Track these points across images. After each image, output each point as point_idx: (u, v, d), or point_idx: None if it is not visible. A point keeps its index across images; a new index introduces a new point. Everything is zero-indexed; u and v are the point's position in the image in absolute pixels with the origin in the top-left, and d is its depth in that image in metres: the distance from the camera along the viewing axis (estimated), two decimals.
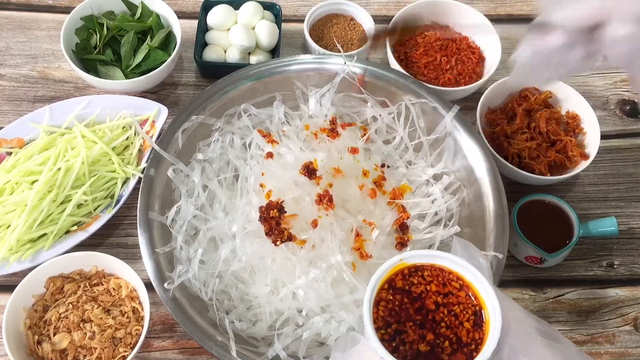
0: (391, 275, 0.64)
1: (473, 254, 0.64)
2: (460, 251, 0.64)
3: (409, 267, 0.64)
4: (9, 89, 1.14)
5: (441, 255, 0.63)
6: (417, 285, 0.63)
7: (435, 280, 0.63)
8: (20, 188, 0.94)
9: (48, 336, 0.85)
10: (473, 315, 0.61)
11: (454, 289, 0.62)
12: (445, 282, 0.63)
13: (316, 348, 0.84)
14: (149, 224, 0.88)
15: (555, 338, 0.61)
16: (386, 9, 1.28)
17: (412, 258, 0.64)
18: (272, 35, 1.13)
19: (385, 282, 0.63)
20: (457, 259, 0.62)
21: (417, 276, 0.64)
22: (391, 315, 0.61)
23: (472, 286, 0.62)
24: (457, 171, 0.97)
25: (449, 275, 0.63)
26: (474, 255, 0.64)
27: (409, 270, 0.64)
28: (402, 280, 0.63)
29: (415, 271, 0.64)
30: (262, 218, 0.87)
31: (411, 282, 0.63)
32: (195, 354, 0.91)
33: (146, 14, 1.13)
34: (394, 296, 0.62)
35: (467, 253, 0.64)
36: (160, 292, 0.83)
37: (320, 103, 1.02)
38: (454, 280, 0.63)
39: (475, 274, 0.61)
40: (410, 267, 0.64)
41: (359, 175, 0.94)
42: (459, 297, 0.62)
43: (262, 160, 0.96)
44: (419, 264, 0.64)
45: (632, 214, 1.06)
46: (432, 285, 0.63)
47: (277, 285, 0.87)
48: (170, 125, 0.96)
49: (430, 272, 0.64)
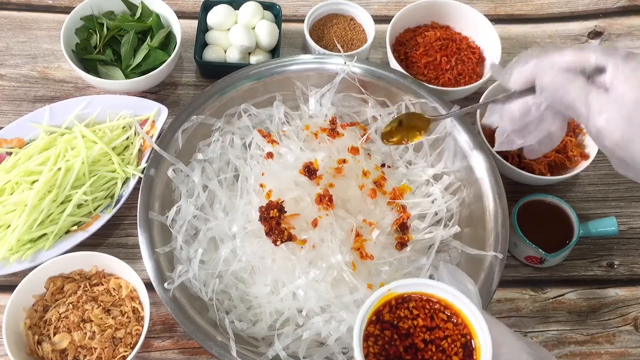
0: (379, 307, 0.62)
1: (461, 280, 0.65)
2: (447, 277, 0.65)
3: (396, 298, 0.63)
4: (9, 89, 1.14)
5: (430, 283, 0.62)
6: (405, 319, 0.62)
7: (422, 314, 0.62)
8: (21, 188, 0.94)
9: (48, 336, 0.85)
10: (462, 347, 0.60)
11: (442, 321, 0.62)
12: (432, 314, 0.62)
13: (316, 348, 0.84)
14: (149, 224, 0.88)
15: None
16: (386, 9, 1.28)
17: (401, 287, 0.63)
18: (272, 35, 1.13)
19: (373, 314, 0.62)
20: (445, 287, 0.62)
21: (403, 309, 0.62)
22: (381, 354, 0.60)
23: (461, 314, 0.61)
24: (457, 171, 0.97)
25: (436, 305, 0.62)
26: (461, 280, 0.65)
27: (396, 301, 0.63)
28: (390, 314, 0.62)
29: (402, 302, 0.63)
30: (262, 218, 0.87)
31: (399, 316, 0.62)
32: (195, 354, 0.91)
33: (146, 14, 1.13)
34: (382, 331, 0.61)
35: (455, 279, 0.65)
36: (160, 292, 0.83)
37: (320, 103, 1.02)
38: (441, 310, 0.62)
39: (464, 301, 0.60)
40: (398, 298, 0.63)
41: (359, 175, 0.94)
42: (447, 329, 0.61)
43: (262, 160, 0.96)
44: (406, 293, 0.63)
45: (632, 214, 1.06)
46: (419, 319, 0.62)
47: (277, 285, 0.87)
48: (170, 125, 0.96)
49: (416, 303, 0.62)
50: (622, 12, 1.29)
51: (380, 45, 1.20)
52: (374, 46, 1.19)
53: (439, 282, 0.63)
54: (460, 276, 0.65)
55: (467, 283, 0.65)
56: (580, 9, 1.30)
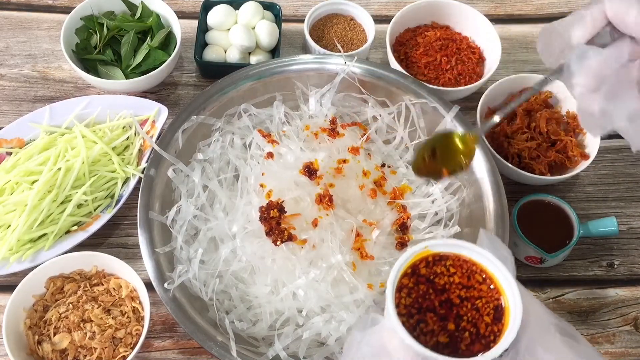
0: (415, 262, 0.63)
1: (498, 247, 0.63)
2: (486, 243, 0.63)
3: (433, 255, 0.63)
4: (9, 89, 1.14)
5: (466, 245, 0.62)
6: (441, 275, 0.63)
7: (459, 272, 0.63)
8: (21, 188, 0.94)
9: (48, 336, 0.85)
10: (494, 309, 0.60)
11: (477, 282, 0.62)
12: (469, 274, 0.63)
13: (316, 348, 0.84)
14: (149, 224, 0.88)
15: (573, 337, 0.60)
16: (386, 9, 1.28)
17: (437, 246, 0.63)
18: (272, 35, 1.13)
19: (409, 267, 0.63)
20: (482, 250, 0.62)
21: (440, 265, 0.63)
22: (414, 305, 0.61)
23: (494, 278, 0.61)
24: None
25: (472, 266, 0.63)
26: (498, 247, 0.63)
27: (433, 258, 0.63)
28: (426, 269, 0.63)
29: (439, 260, 0.63)
30: (262, 218, 0.87)
31: (435, 272, 0.63)
32: (195, 354, 0.91)
33: (146, 14, 1.13)
34: (417, 285, 0.62)
35: (493, 245, 0.63)
36: (160, 292, 0.83)
37: (321, 103, 1.02)
38: (477, 272, 0.62)
39: (499, 266, 0.60)
40: (435, 255, 0.63)
41: (359, 175, 0.94)
42: (481, 290, 0.62)
43: (262, 160, 0.96)
44: (443, 252, 0.63)
45: (632, 214, 1.06)
46: (456, 277, 0.62)
47: (277, 285, 0.87)
48: (170, 125, 0.96)
49: (453, 262, 0.63)
50: None
51: (380, 45, 1.20)
52: (374, 46, 1.19)
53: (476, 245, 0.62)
54: (497, 244, 0.63)
55: (504, 250, 0.62)
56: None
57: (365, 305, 0.84)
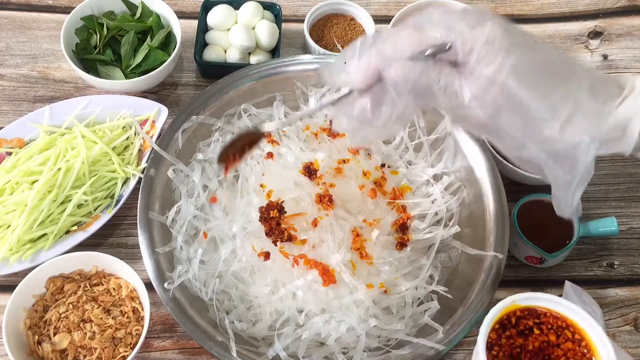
0: (503, 316, 0.63)
1: (586, 301, 0.64)
2: (573, 297, 0.64)
3: (521, 309, 0.64)
4: (9, 89, 1.14)
5: (554, 299, 0.62)
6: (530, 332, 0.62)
7: (547, 327, 0.62)
8: (20, 188, 0.94)
9: (48, 336, 0.85)
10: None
11: (566, 338, 0.62)
12: (558, 330, 0.62)
13: (316, 348, 0.84)
14: (149, 224, 0.88)
15: None
16: (386, 8, 1.28)
17: (525, 300, 0.63)
18: (272, 35, 1.13)
19: (496, 322, 0.63)
20: (573, 305, 0.61)
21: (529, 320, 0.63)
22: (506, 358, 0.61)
23: (584, 334, 0.61)
24: (457, 171, 0.97)
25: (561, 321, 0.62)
26: (587, 302, 0.64)
27: (522, 312, 0.64)
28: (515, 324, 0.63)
29: (527, 314, 0.63)
30: (262, 218, 0.87)
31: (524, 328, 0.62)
32: (195, 354, 0.91)
33: (146, 14, 1.13)
34: (507, 340, 0.62)
35: (581, 299, 0.64)
36: (160, 292, 0.83)
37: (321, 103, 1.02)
38: (567, 327, 0.62)
39: (590, 322, 0.60)
40: (523, 309, 0.64)
41: (359, 175, 0.94)
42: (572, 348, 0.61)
43: (262, 160, 0.96)
44: (531, 306, 0.63)
45: (632, 214, 1.06)
46: (550, 335, 0.62)
47: (277, 286, 0.87)
48: (170, 125, 0.96)
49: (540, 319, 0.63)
50: (622, 12, 1.29)
51: None
52: None
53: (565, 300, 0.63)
54: (585, 297, 0.64)
55: (593, 305, 0.64)
56: (580, 9, 1.30)
57: (364, 306, 0.84)
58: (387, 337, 0.86)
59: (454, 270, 0.91)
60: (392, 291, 0.88)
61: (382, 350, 0.83)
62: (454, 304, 0.85)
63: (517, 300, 0.64)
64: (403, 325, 0.85)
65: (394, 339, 0.85)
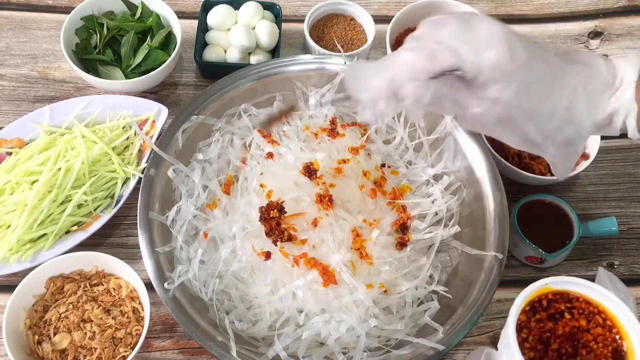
0: (534, 298, 0.64)
1: (620, 288, 0.65)
2: (607, 283, 0.65)
3: (553, 292, 0.65)
4: (9, 89, 1.14)
5: (587, 284, 0.63)
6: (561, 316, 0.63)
7: (578, 312, 0.63)
8: (21, 188, 0.94)
9: (48, 336, 0.85)
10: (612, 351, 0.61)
11: (596, 324, 0.62)
12: (589, 315, 0.63)
13: (316, 348, 0.84)
14: (149, 224, 0.88)
15: None
16: (386, 8, 1.28)
17: (557, 284, 0.64)
18: (272, 35, 1.13)
19: (527, 304, 0.64)
20: (605, 291, 0.63)
21: (562, 303, 0.64)
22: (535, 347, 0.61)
23: (616, 320, 0.62)
24: (457, 171, 0.97)
25: (593, 307, 0.63)
26: (620, 289, 0.65)
27: (553, 295, 0.64)
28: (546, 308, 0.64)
29: (560, 298, 0.64)
30: (262, 218, 0.87)
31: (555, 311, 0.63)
32: (195, 354, 0.91)
33: (146, 14, 1.13)
34: (537, 323, 0.63)
35: (614, 286, 0.65)
36: (160, 292, 0.83)
37: (321, 103, 1.02)
38: (597, 313, 0.63)
39: (624, 310, 0.61)
40: (555, 293, 0.65)
41: (359, 175, 0.94)
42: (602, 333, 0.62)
43: (262, 160, 0.96)
44: (564, 290, 0.64)
45: (632, 214, 1.06)
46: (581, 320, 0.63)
47: (277, 286, 0.87)
48: (170, 126, 0.96)
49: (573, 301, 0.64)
50: (622, 12, 1.29)
51: (380, 45, 1.20)
52: (374, 46, 1.18)
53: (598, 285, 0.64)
54: (619, 284, 0.65)
55: (626, 292, 0.65)
56: (580, 9, 1.30)
57: (364, 306, 0.84)
58: (387, 337, 0.86)
59: (454, 270, 0.91)
60: (392, 291, 0.88)
61: (382, 350, 0.83)
62: (454, 304, 0.85)
63: (549, 283, 0.64)
64: (403, 325, 0.85)
65: (394, 339, 0.85)
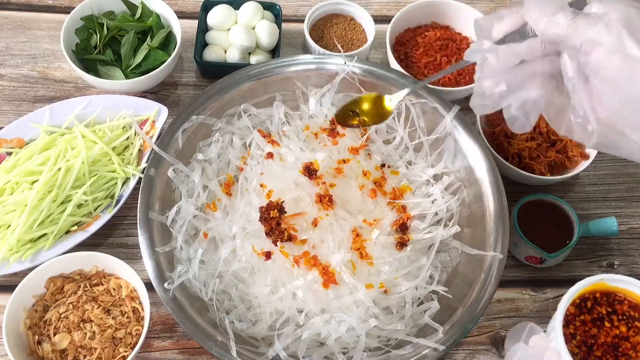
0: (585, 294, 0.65)
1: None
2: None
3: (601, 292, 0.66)
4: (9, 89, 1.14)
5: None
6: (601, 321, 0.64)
7: (618, 318, 0.63)
8: (21, 188, 0.94)
9: (48, 336, 0.85)
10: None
11: (636, 332, 0.63)
12: (629, 321, 0.63)
13: (316, 348, 0.84)
14: (149, 224, 0.88)
15: None
16: (386, 8, 1.28)
17: (614, 282, 0.65)
18: (272, 35, 1.13)
19: (578, 297, 0.64)
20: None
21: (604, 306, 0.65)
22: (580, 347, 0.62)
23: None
24: (457, 171, 0.97)
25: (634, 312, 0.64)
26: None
27: (601, 296, 0.65)
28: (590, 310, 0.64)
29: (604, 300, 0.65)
30: (262, 218, 0.87)
31: (597, 316, 0.64)
32: (195, 354, 0.91)
33: (146, 14, 1.13)
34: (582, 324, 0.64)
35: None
36: (160, 292, 0.83)
37: (321, 103, 1.02)
38: (637, 318, 0.63)
39: None
40: (603, 293, 0.66)
41: (359, 175, 0.94)
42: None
43: (262, 161, 0.96)
44: (617, 288, 0.65)
45: (632, 214, 1.06)
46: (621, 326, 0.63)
47: (277, 286, 0.87)
48: (171, 126, 0.96)
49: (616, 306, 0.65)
50: None
51: (380, 45, 1.20)
52: (374, 46, 1.19)
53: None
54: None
55: None
56: None
57: (364, 306, 0.84)
58: (387, 337, 0.86)
59: (454, 270, 0.91)
60: (392, 291, 0.88)
61: (382, 350, 0.83)
62: (454, 304, 0.85)
63: (605, 280, 0.65)
64: (403, 325, 0.85)
65: (394, 339, 0.85)
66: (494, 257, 0.86)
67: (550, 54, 0.63)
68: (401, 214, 0.93)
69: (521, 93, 0.64)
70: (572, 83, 0.60)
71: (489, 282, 0.85)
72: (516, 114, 0.65)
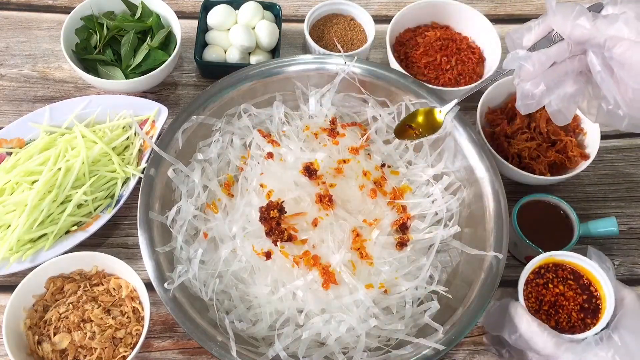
0: (541, 265, 0.87)
1: (603, 259, 0.85)
2: (594, 256, 0.85)
3: (556, 262, 0.87)
4: (9, 89, 1.14)
5: (580, 257, 0.86)
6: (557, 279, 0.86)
7: (571, 276, 0.86)
8: (21, 188, 0.94)
9: (48, 336, 0.85)
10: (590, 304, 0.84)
11: (582, 284, 0.85)
12: (578, 278, 0.86)
13: (316, 348, 0.84)
14: (149, 224, 0.88)
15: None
16: (386, 8, 1.28)
17: (560, 256, 0.87)
18: (272, 35, 1.13)
19: (536, 267, 0.87)
20: (591, 262, 0.85)
21: (557, 270, 0.87)
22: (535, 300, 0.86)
23: (596, 282, 0.84)
24: (457, 171, 0.97)
25: (581, 273, 0.86)
26: (603, 260, 0.85)
27: (554, 265, 0.87)
28: (547, 273, 0.87)
29: (561, 266, 0.87)
30: (262, 218, 0.87)
31: (552, 276, 0.87)
32: (195, 354, 0.91)
33: (146, 14, 1.13)
34: (537, 285, 0.86)
35: (599, 259, 0.85)
36: (160, 292, 0.83)
37: (321, 103, 1.02)
38: (584, 277, 0.86)
39: (601, 273, 0.84)
40: (557, 262, 0.87)
41: (359, 175, 0.94)
42: (585, 290, 0.85)
43: (262, 161, 0.96)
44: (563, 261, 0.87)
45: (632, 214, 1.06)
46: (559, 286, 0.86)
47: (277, 286, 0.87)
48: (171, 126, 0.96)
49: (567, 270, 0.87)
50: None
51: (380, 45, 1.20)
52: (374, 46, 1.19)
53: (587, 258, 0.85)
54: (602, 257, 0.85)
55: (607, 262, 0.85)
56: None
57: (364, 306, 0.84)
58: (387, 337, 0.86)
59: (454, 270, 0.91)
60: (392, 291, 0.88)
61: (382, 350, 0.83)
62: (454, 304, 0.85)
63: (554, 255, 0.87)
64: (403, 325, 0.85)
65: (394, 339, 0.85)
66: (494, 257, 0.86)
67: (577, 53, 0.73)
68: (401, 214, 0.93)
69: (559, 90, 0.75)
70: (600, 76, 0.70)
71: (489, 282, 0.85)
72: (557, 108, 0.75)
